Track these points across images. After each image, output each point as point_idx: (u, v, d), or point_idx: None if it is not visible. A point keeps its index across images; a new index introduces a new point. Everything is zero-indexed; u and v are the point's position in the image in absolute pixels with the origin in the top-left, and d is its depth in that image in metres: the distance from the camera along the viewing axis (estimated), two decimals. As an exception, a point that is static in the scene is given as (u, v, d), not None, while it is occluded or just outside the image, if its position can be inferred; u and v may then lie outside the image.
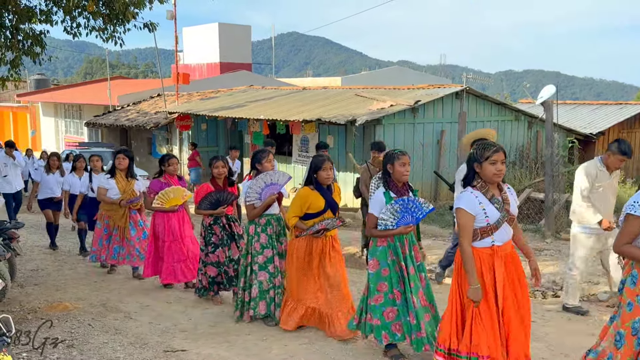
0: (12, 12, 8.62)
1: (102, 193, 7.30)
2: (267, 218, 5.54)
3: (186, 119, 17.66)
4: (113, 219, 7.37)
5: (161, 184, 6.69)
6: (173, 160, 6.83)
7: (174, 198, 6.59)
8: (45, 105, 30.24)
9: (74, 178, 9.05)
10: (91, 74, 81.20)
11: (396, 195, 4.51)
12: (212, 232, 6.16)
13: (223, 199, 6.10)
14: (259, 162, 5.72)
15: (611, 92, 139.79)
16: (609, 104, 19.21)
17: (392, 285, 4.54)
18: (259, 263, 5.50)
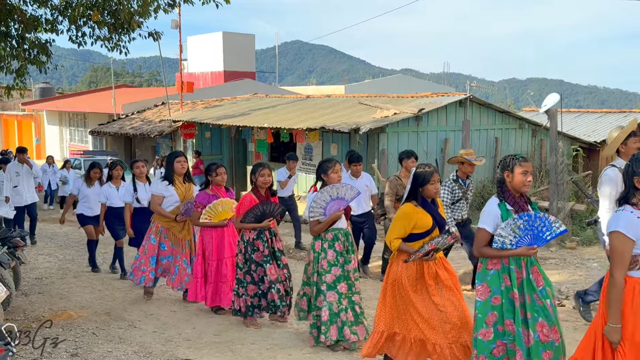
0: (18, 22, 8.67)
1: (158, 202, 6.44)
2: (334, 233, 5.10)
3: (190, 127, 17.69)
4: (172, 231, 6.53)
5: (209, 196, 6.06)
6: (221, 170, 6.15)
7: (222, 212, 5.99)
8: (50, 114, 30.36)
9: (110, 189, 8.01)
10: (96, 82, 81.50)
11: (513, 208, 3.90)
12: (255, 248, 5.62)
13: (269, 211, 5.59)
14: (324, 172, 5.25)
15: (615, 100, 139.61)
16: (613, 112, 19.18)
17: (502, 315, 3.89)
18: (327, 282, 5.03)
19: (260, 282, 5.63)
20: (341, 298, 5.04)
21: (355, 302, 5.16)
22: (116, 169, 8.07)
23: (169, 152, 7.02)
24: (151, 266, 6.54)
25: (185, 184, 6.52)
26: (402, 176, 7.42)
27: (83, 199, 8.48)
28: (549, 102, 11.43)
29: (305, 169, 14.52)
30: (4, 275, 5.82)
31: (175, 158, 6.48)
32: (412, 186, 4.37)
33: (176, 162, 6.45)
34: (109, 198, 7.96)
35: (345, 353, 5.03)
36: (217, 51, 28.72)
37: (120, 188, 8.00)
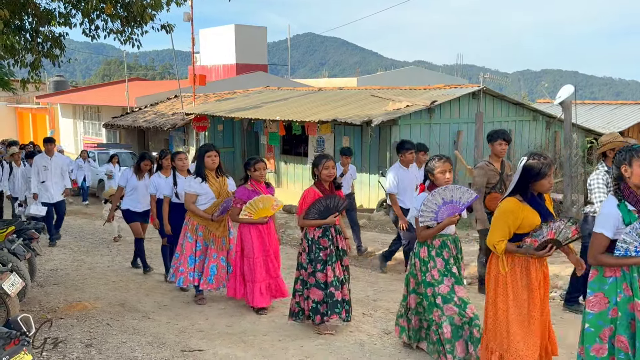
0: (32, 15, 8.74)
1: (191, 200, 6.09)
2: (443, 239, 4.56)
3: (203, 120, 17.74)
4: (209, 228, 6.17)
5: (248, 192, 5.76)
6: (260, 165, 5.81)
7: (263, 208, 5.72)
8: (64, 107, 30.57)
9: (160, 179, 7.28)
10: (109, 75, 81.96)
11: (635, 208, 3.46)
12: (320, 246, 5.21)
13: (334, 206, 5.20)
14: (431, 171, 4.63)
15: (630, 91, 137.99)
16: (628, 104, 18.99)
17: (616, 330, 3.49)
18: (442, 294, 4.44)
19: (326, 284, 5.18)
20: (461, 310, 4.39)
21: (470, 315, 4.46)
22: (166, 158, 7.38)
23: (200, 147, 6.41)
24: (189, 266, 6.17)
25: (219, 178, 6.17)
26: (493, 161, 6.42)
27: (131, 192, 7.83)
28: (563, 94, 11.28)
29: (318, 161, 14.51)
30: (20, 267, 5.89)
31: (206, 152, 6.09)
32: (522, 179, 3.81)
33: (206, 157, 6.07)
34: (159, 189, 7.27)
35: (358, 344, 5.04)
36: (229, 44, 28.72)
37: (169, 178, 7.32)
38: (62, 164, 9.81)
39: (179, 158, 7.00)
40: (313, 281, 5.22)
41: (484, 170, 6.31)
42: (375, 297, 6.63)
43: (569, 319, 5.87)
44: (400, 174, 7.35)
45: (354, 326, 5.52)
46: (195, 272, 6.17)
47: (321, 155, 5.34)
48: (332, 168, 5.19)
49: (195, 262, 6.17)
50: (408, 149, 7.37)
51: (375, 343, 5.09)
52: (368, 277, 7.72)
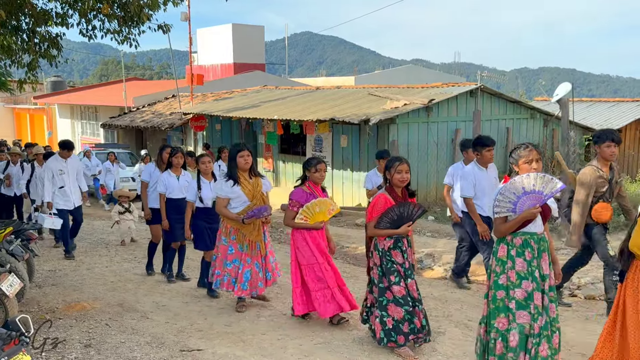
0: (29, 16, 8.73)
1: (223, 204, 5.79)
2: (525, 238, 4.04)
3: (201, 120, 17.74)
4: (243, 232, 5.86)
5: (306, 194, 5.39)
6: (322, 166, 5.40)
7: (319, 213, 5.34)
8: (62, 107, 30.54)
9: (170, 177, 7.03)
10: (107, 75, 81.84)
11: None
12: (392, 259, 4.75)
13: (408, 215, 4.74)
14: (515, 162, 4.18)
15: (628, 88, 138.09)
16: (626, 101, 19.01)
17: None
18: (516, 299, 3.98)
19: (404, 301, 4.70)
20: (533, 321, 3.97)
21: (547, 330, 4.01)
22: (176, 157, 7.10)
23: (231, 147, 6.06)
24: (225, 268, 5.93)
25: (252, 179, 5.82)
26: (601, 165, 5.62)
27: (154, 187, 7.37)
28: (560, 92, 11.31)
29: (316, 160, 14.52)
30: (18, 268, 5.88)
31: (238, 152, 5.75)
32: None
33: (239, 157, 5.74)
34: (169, 188, 7.01)
35: (357, 343, 5.05)
36: (226, 43, 28.71)
37: (181, 177, 7.12)
38: (77, 167, 9.03)
39: (203, 161, 6.61)
40: (390, 297, 4.71)
41: (592, 176, 5.56)
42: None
43: (571, 317, 5.89)
44: (477, 175, 6.45)
45: (353, 324, 5.52)
46: (226, 275, 5.88)
47: (394, 158, 4.88)
48: (405, 172, 4.73)
49: (228, 267, 5.88)
50: (487, 145, 6.40)
51: (374, 340, 5.09)
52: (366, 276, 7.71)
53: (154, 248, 7.73)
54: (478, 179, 6.41)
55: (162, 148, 7.67)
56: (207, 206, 6.53)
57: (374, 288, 4.85)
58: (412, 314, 4.68)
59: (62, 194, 8.66)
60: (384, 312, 4.72)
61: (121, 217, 10.05)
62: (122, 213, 10.07)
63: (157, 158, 7.67)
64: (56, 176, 8.62)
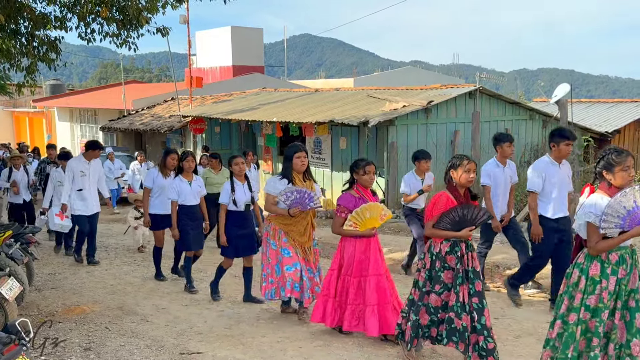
0: (28, 19, 8.74)
1: (273, 202, 5.52)
2: (621, 253, 3.76)
3: (200, 122, 17.74)
4: (292, 235, 5.57)
5: (355, 199, 5.06)
6: (372, 168, 5.11)
7: (370, 219, 4.99)
8: (61, 110, 30.53)
9: (182, 183, 6.81)
10: (106, 78, 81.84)
11: None
12: (445, 264, 4.45)
13: (470, 218, 4.42)
14: (608, 168, 3.87)
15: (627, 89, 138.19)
16: (625, 102, 19.02)
17: None
18: (605, 321, 3.76)
19: (440, 309, 4.46)
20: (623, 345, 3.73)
21: None
22: (188, 160, 6.82)
23: (288, 147, 5.78)
24: (278, 275, 5.58)
25: (306, 182, 5.61)
26: None
27: (158, 193, 7.25)
28: (559, 93, 11.32)
29: (315, 162, 14.53)
30: (18, 271, 5.88)
31: (295, 153, 5.52)
32: None
33: (295, 158, 5.51)
34: (181, 194, 6.75)
35: (357, 345, 5.05)
36: (225, 46, 28.72)
37: (193, 182, 6.88)
38: (99, 170, 8.62)
39: (236, 162, 6.26)
40: (426, 300, 4.51)
41: None
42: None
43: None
44: (550, 171, 5.97)
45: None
46: (287, 281, 5.52)
47: (462, 156, 4.57)
48: (473, 172, 4.46)
49: (289, 270, 5.52)
50: (567, 137, 5.99)
51: (374, 344, 5.09)
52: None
53: (159, 253, 7.52)
54: (550, 174, 5.92)
55: (166, 153, 7.38)
56: (240, 209, 6.19)
57: (415, 291, 4.61)
58: (449, 322, 4.37)
59: (80, 197, 8.20)
60: (418, 316, 4.53)
61: (137, 222, 9.57)
62: (138, 218, 9.51)
63: (160, 163, 7.43)
64: (76, 178, 8.16)
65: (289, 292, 5.52)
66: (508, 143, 6.51)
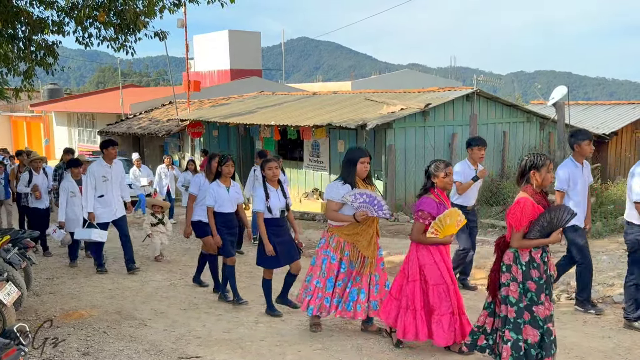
0: (25, 24, 8.74)
1: (334, 209, 5.21)
2: None
3: (198, 126, 17.74)
4: (357, 247, 5.21)
5: (436, 204, 4.80)
6: (451, 169, 4.90)
7: (450, 225, 4.75)
8: (59, 115, 30.52)
9: (220, 189, 6.42)
10: (103, 82, 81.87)
11: None
12: (534, 275, 4.21)
13: (557, 221, 4.16)
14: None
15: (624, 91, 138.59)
16: (622, 104, 19.07)
17: None
18: None
19: (543, 321, 4.20)
20: None
21: None
22: (227, 165, 6.44)
23: (352, 149, 5.44)
24: (327, 291, 5.22)
25: (368, 187, 5.32)
26: None
27: (203, 199, 6.81)
28: (556, 95, 11.35)
29: (313, 165, 14.54)
30: (16, 276, 5.87)
31: (360, 158, 5.22)
32: None
33: (359, 163, 5.20)
34: (218, 200, 6.40)
35: (355, 349, 5.04)
36: (223, 49, 28.76)
37: (231, 188, 6.48)
38: (121, 173, 8.16)
39: (269, 167, 5.89)
40: (528, 317, 4.19)
41: None
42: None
43: (570, 320, 5.89)
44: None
45: (351, 330, 5.53)
46: (335, 297, 5.22)
47: (541, 155, 4.29)
48: (552, 177, 4.26)
49: (337, 286, 5.21)
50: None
51: (373, 347, 5.09)
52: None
53: (213, 261, 7.06)
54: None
55: (211, 157, 6.95)
56: (275, 216, 5.83)
57: (509, 307, 4.24)
58: (549, 333, 4.21)
59: (102, 203, 7.83)
60: (519, 335, 4.19)
61: (153, 230, 9.10)
62: (155, 225, 9.12)
63: (206, 168, 7.09)
64: (98, 183, 7.78)
65: (335, 308, 5.22)
66: (587, 141, 6.03)
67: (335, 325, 5.69)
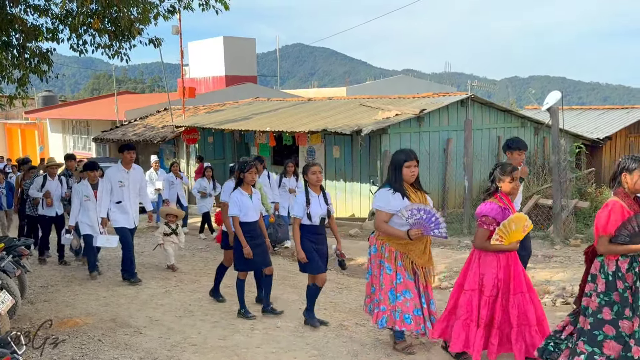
0: (19, 31, 8.73)
1: (384, 219, 4.89)
2: None
3: (193, 133, 17.73)
4: (410, 256, 4.93)
5: (501, 209, 4.55)
6: (518, 173, 4.66)
7: (515, 231, 4.51)
8: (53, 122, 30.46)
9: (243, 197, 6.14)
10: (98, 89, 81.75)
11: None
12: (626, 283, 3.96)
13: None
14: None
15: (618, 96, 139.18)
16: (616, 109, 19.16)
17: None
18: None
19: (629, 338, 3.94)
20: None
21: None
22: (251, 172, 6.13)
23: (397, 152, 5.13)
24: (392, 304, 4.91)
25: (418, 193, 4.99)
26: None
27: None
28: (550, 100, 11.36)
29: (308, 171, 14.54)
30: (10, 284, 5.84)
31: (405, 162, 4.90)
32: None
33: (405, 168, 4.89)
34: (243, 209, 6.08)
35: (351, 355, 5.03)
36: (218, 56, 28.80)
37: (253, 196, 6.21)
38: (141, 179, 7.94)
39: (313, 171, 5.63)
40: (612, 332, 3.94)
41: None
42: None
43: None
44: None
45: (347, 336, 5.52)
46: (397, 310, 4.88)
47: (635, 157, 4.05)
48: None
49: (399, 300, 4.89)
50: None
51: (369, 353, 5.08)
52: (360, 287, 7.71)
53: (223, 271, 6.90)
54: None
55: (242, 165, 6.40)
56: (314, 224, 5.59)
57: (586, 319, 4.05)
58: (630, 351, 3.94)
59: (119, 209, 7.62)
60: (595, 348, 3.97)
61: (165, 239, 8.63)
62: (168, 234, 8.66)
63: (238, 174, 6.51)
64: (115, 189, 7.58)
65: (399, 323, 4.89)
66: None
67: (330, 331, 5.68)
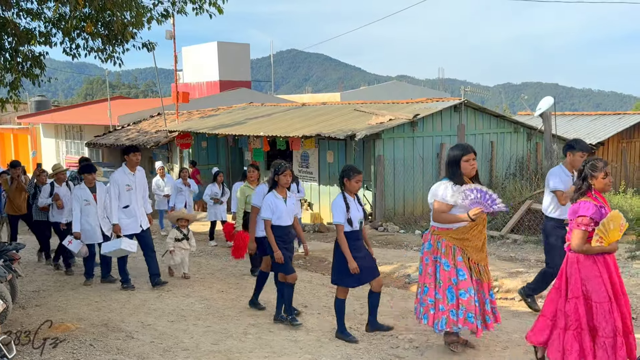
0: (12, 35, 8.71)
1: (443, 210, 4.78)
2: None
3: (186, 137, 17.70)
4: (467, 251, 4.78)
5: (597, 208, 4.27)
6: (608, 169, 4.44)
7: (613, 230, 4.24)
8: (46, 127, 30.34)
9: (277, 200, 5.96)
10: (91, 94, 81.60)
11: None
12: None
13: None
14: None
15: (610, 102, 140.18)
16: (608, 114, 19.29)
17: None
18: None
19: None
20: None
21: None
22: (284, 174, 5.96)
23: (453, 147, 4.97)
24: (451, 303, 4.74)
25: None
26: None
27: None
28: (543, 106, 11.45)
29: (302, 176, 14.53)
30: (1, 289, 5.80)
31: (462, 157, 4.80)
32: None
33: (464, 162, 4.79)
34: (276, 212, 5.90)
35: (345, 358, 5.01)
36: (212, 61, 28.81)
37: (288, 200, 6.02)
38: (145, 183, 7.76)
39: (357, 180, 5.43)
40: None
41: None
42: (362, 310, 6.60)
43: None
44: None
45: (341, 340, 5.49)
46: (460, 309, 4.72)
47: None
48: None
49: (463, 297, 4.72)
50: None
51: (362, 357, 5.07)
52: (354, 291, 7.69)
53: (265, 278, 6.64)
54: None
55: (277, 168, 6.11)
56: (355, 229, 5.39)
57: None
58: None
59: (127, 214, 7.44)
60: None
61: (176, 245, 8.34)
62: (180, 240, 8.38)
63: (272, 179, 6.21)
64: (122, 193, 7.38)
65: (462, 322, 4.71)
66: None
67: (324, 335, 5.67)
